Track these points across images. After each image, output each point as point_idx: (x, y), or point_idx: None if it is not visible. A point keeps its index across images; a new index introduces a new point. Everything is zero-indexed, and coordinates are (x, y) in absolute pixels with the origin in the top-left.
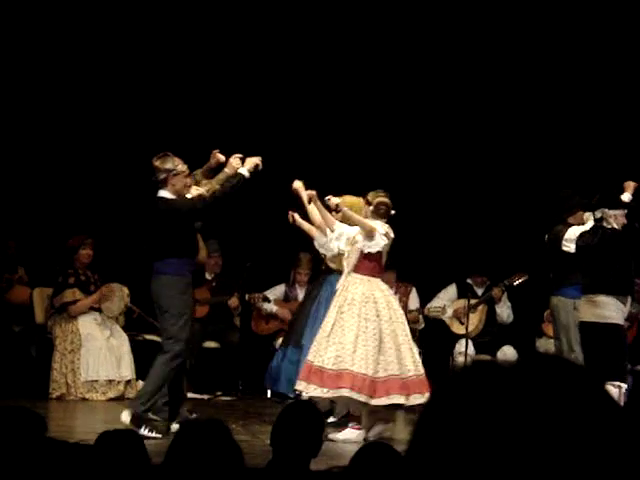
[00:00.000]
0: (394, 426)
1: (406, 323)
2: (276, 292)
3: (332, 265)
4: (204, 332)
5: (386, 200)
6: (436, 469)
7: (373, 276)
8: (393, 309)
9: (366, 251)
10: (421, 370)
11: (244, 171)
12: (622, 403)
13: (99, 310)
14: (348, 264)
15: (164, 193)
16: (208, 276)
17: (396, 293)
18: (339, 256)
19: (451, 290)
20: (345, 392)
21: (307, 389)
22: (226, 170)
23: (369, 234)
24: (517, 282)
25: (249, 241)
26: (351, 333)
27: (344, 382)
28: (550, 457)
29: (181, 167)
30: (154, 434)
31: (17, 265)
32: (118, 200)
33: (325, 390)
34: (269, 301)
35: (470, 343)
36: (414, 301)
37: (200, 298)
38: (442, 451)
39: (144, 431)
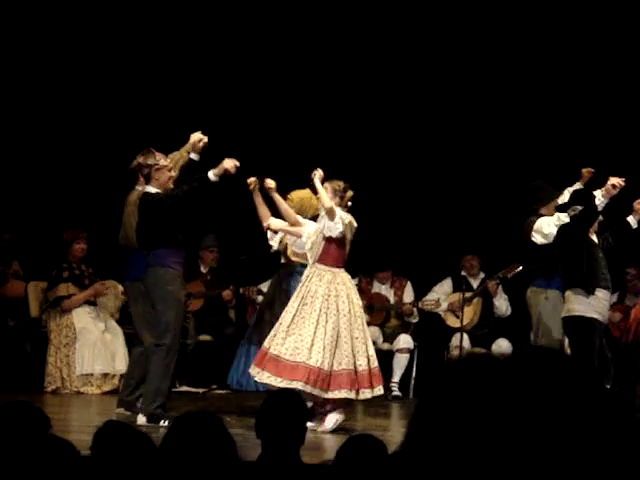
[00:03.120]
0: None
1: (364, 317)
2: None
3: (294, 258)
4: (199, 325)
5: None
6: (432, 461)
7: (337, 266)
8: (353, 303)
9: (327, 234)
10: (374, 364)
11: (211, 175)
12: None
13: (94, 304)
14: (312, 255)
15: (149, 188)
16: (203, 269)
17: (391, 287)
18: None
19: (446, 284)
20: (299, 385)
21: (261, 376)
22: (191, 141)
23: (330, 213)
24: (512, 274)
25: (244, 234)
26: (311, 326)
27: (299, 375)
28: (545, 448)
29: (163, 162)
30: None
31: (11, 259)
32: (112, 194)
33: (279, 380)
34: (263, 294)
35: (466, 336)
36: (409, 294)
37: (195, 291)
38: (438, 443)
39: (164, 423)
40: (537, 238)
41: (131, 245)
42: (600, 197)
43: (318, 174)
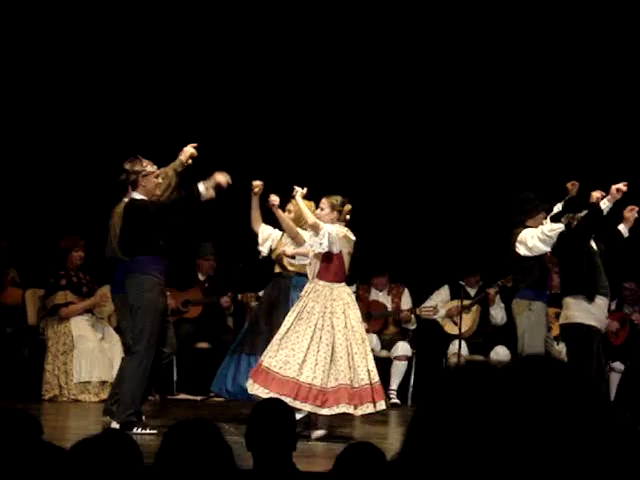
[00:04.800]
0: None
1: (364, 331)
2: None
3: (291, 268)
4: (197, 333)
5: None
6: (430, 468)
7: (337, 281)
8: (349, 318)
9: (316, 251)
10: (375, 378)
11: (200, 186)
12: None
13: (91, 311)
14: (311, 271)
15: (135, 194)
16: (201, 277)
17: (389, 294)
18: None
19: (443, 292)
20: (287, 400)
21: (252, 388)
22: (181, 157)
23: (314, 229)
24: (510, 283)
25: (241, 242)
26: (304, 342)
27: (286, 390)
28: (543, 456)
29: (150, 168)
30: (148, 430)
31: (9, 266)
32: (110, 202)
33: (267, 391)
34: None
35: (464, 344)
36: (406, 301)
37: (193, 299)
38: (436, 450)
39: (137, 430)
40: (520, 249)
41: (117, 257)
42: (605, 202)
43: (300, 192)
